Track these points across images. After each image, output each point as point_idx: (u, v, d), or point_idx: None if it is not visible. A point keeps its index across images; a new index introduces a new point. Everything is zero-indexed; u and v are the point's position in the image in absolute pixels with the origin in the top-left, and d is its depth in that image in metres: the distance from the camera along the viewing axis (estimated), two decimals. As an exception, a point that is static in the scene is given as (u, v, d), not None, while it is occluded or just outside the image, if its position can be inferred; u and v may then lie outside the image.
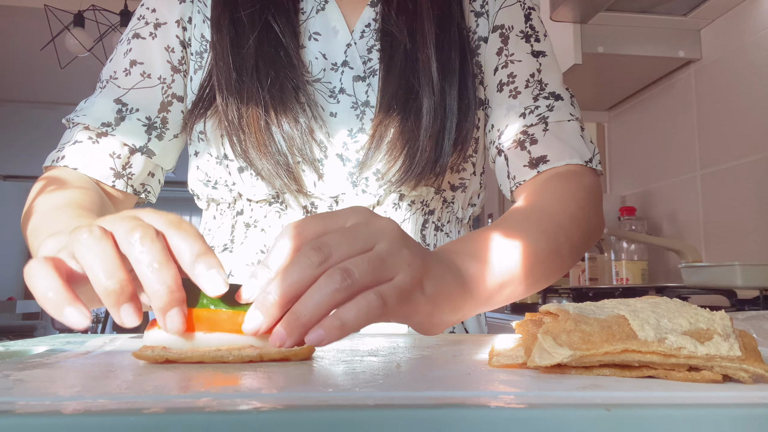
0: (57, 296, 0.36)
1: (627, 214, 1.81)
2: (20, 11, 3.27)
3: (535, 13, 0.77)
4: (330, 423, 0.23)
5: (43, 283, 0.36)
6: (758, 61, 1.45)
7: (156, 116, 0.72)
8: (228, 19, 0.70)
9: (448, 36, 0.72)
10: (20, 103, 4.99)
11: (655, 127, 1.86)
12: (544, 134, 0.69)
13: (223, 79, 0.68)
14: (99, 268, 0.37)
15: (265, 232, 0.71)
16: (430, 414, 0.23)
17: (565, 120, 0.70)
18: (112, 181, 0.70)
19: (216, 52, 0.70)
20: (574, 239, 0.61)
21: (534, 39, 0.75)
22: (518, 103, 0.72)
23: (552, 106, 0.70)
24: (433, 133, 0.67)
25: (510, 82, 0.73)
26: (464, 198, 0.76)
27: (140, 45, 0.74)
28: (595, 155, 0.69)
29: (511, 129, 0.71)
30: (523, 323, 0.38)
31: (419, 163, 0.66)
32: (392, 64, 0.70)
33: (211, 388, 0.29)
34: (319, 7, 0.73)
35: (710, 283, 1.26)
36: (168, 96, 0.73)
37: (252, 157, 0.67)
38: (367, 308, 0.38)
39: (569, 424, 0.23)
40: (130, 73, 0.72)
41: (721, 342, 0.31)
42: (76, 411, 0.23)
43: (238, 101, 0.67)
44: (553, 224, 0.60)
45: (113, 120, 0.70)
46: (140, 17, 0.75)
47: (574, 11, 1.54)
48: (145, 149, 0.71)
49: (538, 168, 0.68)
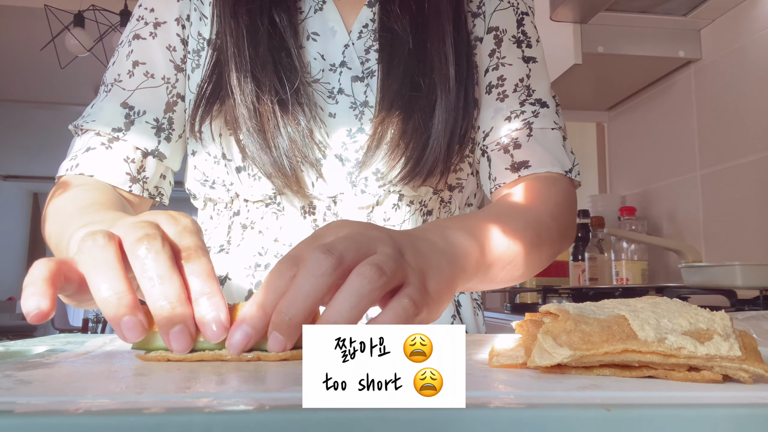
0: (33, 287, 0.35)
1: (627, 214, 1.81)
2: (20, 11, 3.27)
3: (528, 18, 0.78)
4: (330, 423, 0.23)
5: (31, 273, 0.36)
6: (758, 61, 1.45)
7: (163, 117, 0.72)
8: (231, 17, 0.69)
9: (460, 36, 0.72)
10: (20, 103, 4.99)
11: (655, 127, 1.86)
12: (528, 140, 0.70)
13: (226, 77, 0.68)
14: (97, 278, 0.36)
15: (263, 234, 0.71)
16: (430, 414, 0.23)
17: (548, 128, 0.72)
18: (129, 186, 0.69)
19: (219, 51, 0.69)
20: (552, 236, 0.64)
21: (526, 45, 0.76)
22: (505, 106, 0.73)
23: (537, 113, 0.72)
24: (446, 132, 0.67)
25: (499, 84, 0.74)
26: (461, 198, 0.76)
27: (141, 45, 0.73)
28: (575, 166, 0.71)
29: (496, 132, 0.72)
30: (523, 323, 0.38)
31: (428, 161, 0.67)
32: (393, 62, 0.70)
33: (211, 388, 0.29)
34: (317, 7, 0.74)
35: (710, 283, 1.26)
36: (173, 96, 0.73)
37: (255, 158, 0.67)
38: (404, 313, 0.37)
39: (569, 424, 0.23)
40: (134, 75, 0.72)
41: (721, 342, 0.31)
42: (77, 411, 0.23)
43: (242, 101, 0.66)
44: (536, 219, 0.62)
45: (123, 125, 0.70)
46: (139, 18, 0.75)
47: (574, 11, 1.54)
48: (157, 152, 0.71)
49: (520, 172, 0.69)
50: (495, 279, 0.57)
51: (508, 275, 0.59)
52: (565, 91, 1.87)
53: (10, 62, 4.28)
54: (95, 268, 0.36)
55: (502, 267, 0.57)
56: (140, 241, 0.37)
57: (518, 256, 0.58)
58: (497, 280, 0.58)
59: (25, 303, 0.35)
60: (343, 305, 0.35)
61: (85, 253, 0.37)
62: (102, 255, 0.36)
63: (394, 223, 0.71)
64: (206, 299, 0.37)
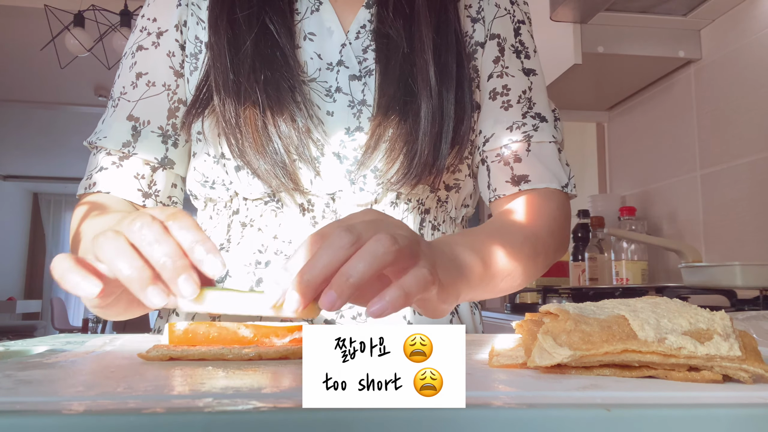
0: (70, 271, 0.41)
1: (627, 214, 1.81)
2: (20, 11, 3.28)
3: (525, 27, 0.80)
4: (330, 423, 0.23)
5: (61, 265, 0.42)
6: (758, 61, 1.45)
7: (167, 124, 0.74)
8: (226, 20, 0.70)
9: (445, 41, 0.73)
10: (20, 103, 4.99)
11: (655, 127, 1.86)
12: (527, 154, 0.74)
13: (220, 79, 0.68)
14: (117, 260, 0.41)
15: (262, 231, 0.71)
16: (430, 414, 0.23)
17: (546, 141, 0.75)
18: (142, 201, 0.73)
19: (213, 53, 0.70)
20: (548, 249, 0.70)
21: (524, 56, 0.79)
22: (508, 116, 0.75)
23: (537, 126, 0.75)
24: (431, 136, 0.69)
25: (504, 93, 0.76)
26: (458, 198, 0.77)
27: (144, 56, 0.75)
28: (571, 179, 0.75)
29: (497, 140, 0.75)
30: (523, 323, 0.38)
31: (418, 165, 0.68)
32: (390, 66, 0.71)
33: (211, 388, 0.29)
34: (313, 7, 0.74)
35: (710, 283, 1.26)
36: (174, 102, 0.75)
37: (249, 158, 0.67)
38: (424, 279, 0.41)
39: (569, 424, 0.23)
40: (137, 86, 0.74)
41: (721, 342, 0.31)
42: (77, 411, 0.23)
43: (236, 102, 0.67)
44: (534, 233, 0.68)
45: (131, 137, 0.73)
46: (142, 29, 0.76)
47: (574, 11, 1.54)
48: (166, 160, 0.74)
49: (520, 186, 0.73)
50: (495, 289, 0.62)
51: (506, 285, 0.64)
52: (565, 91, 1.87)
53: (10, 62, 4.28)
54: (112, 255, 0.42)
55: (502, 278, 0.62)
56: (134, 221, 0.43)
57: (516, 269, 0.63)
58: (497, 291, 0.63)
59: (79, 287, 0.41)
60: (359, 262, 0.40)
61: (100, 246, 0.42)
62: (114, 243, 0.42)
63: None
64: (199, 245, 0.42)
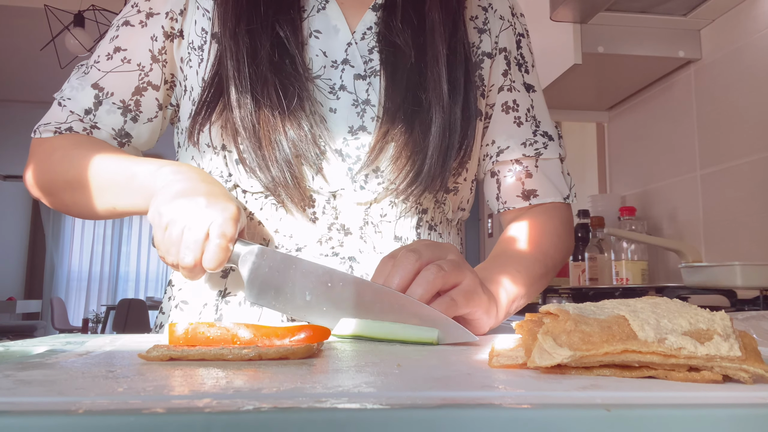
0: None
1: (627, 214, 1.81)
2: (20, 11, 3.28)
3: (525, 41, 0.84)
4: (330, 423, 0.23)
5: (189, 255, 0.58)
6: (758, 61, 1.45)
7: (129, 99, 0.75)
8: (243, 30, 0.70)
9: (455, 54, 0.75)
10: (20, 103, 4.99)
11: (655, 127, 1.86)
12: (537, 170, 0.81)
13: (235, 89, 0.68)
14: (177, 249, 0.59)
15: (263, 225, 0.71)
16: (430, 414, 0.23)
17: (552, 158, 0.81)
18: None
19: (232, 64, 0.70)
20: (556, 263, 0.80)
21: (524, 70, 0.83)
22: (521, 132, 0.81)
23: (546, 145, 0.81)
24: (442, 150, 0.71)
25: (515, 108, 0.81)
26: (455, 201, 0.78)
27: (128, 32, 0.76)
28: (572, 188, 0.83)
29: (511, 152, 0.80)
30: (523, 323, 0.38)
31: (426, 177, 0.70)
32: (397, 74, 0.71)
33: (211, 388, 0.29)
34: (320, 6, 0.74)
35: (710, 283, 1.26)
36: (144, 83, 0.76)
37: (254, 156, 0.67)
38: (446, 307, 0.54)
39: (569, 424, 0.23)
40: (112, 58, 0.75)
41: (721, 342, 0.31)
42: (77, 411, 0.23)
43: (249, 112, 0.68)
44: (542, 252, 0.76)
45: (92, 105, 0.74)
46: (134, 5, 0.77)
47: (574, 11, 1.54)
48: (123, 132, 0.75)
49: (530, 201, 0.80)
50: (509, 310, 0.71)
51: (520, 303, 0.72)
52: (565, 91, 1.87)
53: (10, 62, 4.28)
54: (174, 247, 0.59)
55: (518, 300, 0.71)
56: None
57: (530, 289, 0.73)
58: (511, 311, 0.71)
59: None
60: (418, 287, 0.55)
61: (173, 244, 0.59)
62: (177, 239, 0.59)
63: (390, 219, 0.71)
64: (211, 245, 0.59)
